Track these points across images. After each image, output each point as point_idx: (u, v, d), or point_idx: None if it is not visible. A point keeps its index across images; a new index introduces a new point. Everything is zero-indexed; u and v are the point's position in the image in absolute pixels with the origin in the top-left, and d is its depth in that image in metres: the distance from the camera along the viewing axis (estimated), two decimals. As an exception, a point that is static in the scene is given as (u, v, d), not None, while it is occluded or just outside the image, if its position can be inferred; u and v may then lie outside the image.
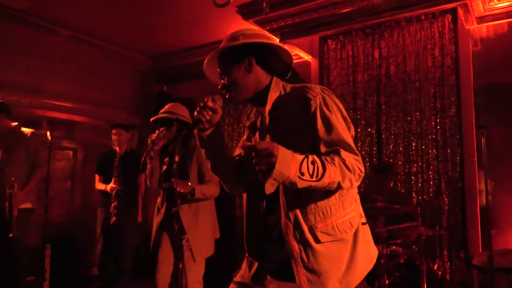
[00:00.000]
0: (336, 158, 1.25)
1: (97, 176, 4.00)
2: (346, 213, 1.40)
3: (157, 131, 2.59)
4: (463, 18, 3.65)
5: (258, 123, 1.52)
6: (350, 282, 1.39)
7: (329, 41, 4.66)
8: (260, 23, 4.06)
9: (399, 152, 4.09)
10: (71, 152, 5.10)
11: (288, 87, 1.47)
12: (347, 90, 4.51)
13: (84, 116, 5.17)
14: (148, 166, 2.62)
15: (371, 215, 2.97)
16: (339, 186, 1.25)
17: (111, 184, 3.75)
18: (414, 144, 4.01)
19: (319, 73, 4.64)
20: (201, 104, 1.40)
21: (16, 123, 3.46)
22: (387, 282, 2.74)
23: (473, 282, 3.02)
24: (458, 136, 3.76)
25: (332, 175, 1.20)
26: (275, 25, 4.04)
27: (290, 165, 1.13)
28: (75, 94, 5.03)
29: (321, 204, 1.36)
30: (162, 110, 2.78)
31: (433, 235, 3.42)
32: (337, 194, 1.38)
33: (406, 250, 2.99)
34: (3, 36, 4.36)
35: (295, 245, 1.35)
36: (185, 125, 2.71)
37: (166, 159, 2.76)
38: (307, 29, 4.05)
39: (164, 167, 2.74)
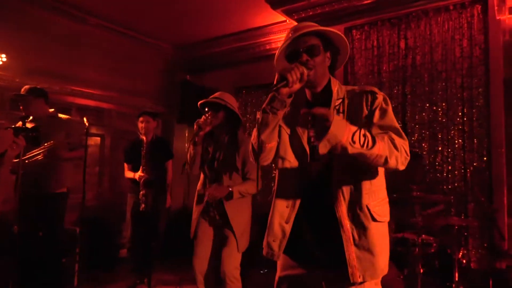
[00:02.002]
0: (386, 137, 1.38)
1: (125, 165, 4.09)
2: (385, 200, 1.53)
3: (203, 116, 2.56)
4: (496, 8, 3.62)
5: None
6: (387, 264, 1.50)
7: (354, 31, 4.66)
8: (288, 13, 4.09)
9: (425, 141, 4.11)
10: (99, 139, 5.23)
11: (342, 87, 1.58)
12: (372, 80, 4.52)
13: (112, 103, 5.29)
14: (191, 151, 2.59)
15: (406, 204, 3.01)
16: (386, 162, 1.35)
17: (139, 173, 3.83)
18: (440, 134, 4.03)
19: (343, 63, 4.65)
20: (293, 66, 1.41)
21: (53, 109, 3.55)
22: (421, 271, 2.78)
23: (501, 272, 3.05)
24: (485, 127, 3.76)
25: (381, 149, 1.33)
26: (303, 15, 4.07)
27: (344, 131, 1.27)
28: (103, 82, 5.15)
29: (374, 184, 1.48)
30: (211, 96, 2.69)
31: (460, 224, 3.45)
32: (380, 179, 1.51)
33: (437, 239, 3.02)
34: (37, 25, 4.48)
35: (347, 223, 1.43)
36: (232, 114, 2.65)
37: (210, 148, 2.71)
38: (335, 18, 4.07)
39: (209, 156, 2.69)
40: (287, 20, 4.60)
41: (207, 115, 2.53)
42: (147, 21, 5.04)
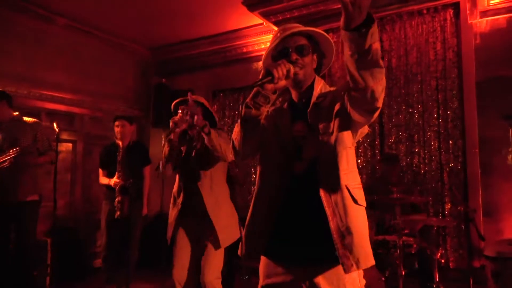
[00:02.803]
0: None
1: (100, 170, 3.94)
2: (360, 184, 1.53)
3: (179, 113, 2.47)
4: (468, 12, 3.72)
5: (286, 107, 1.59)
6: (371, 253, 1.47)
7: (331, 34, 4.68)
8: (265, 15, 4.07)
9: (401, 143, 4.17)
10: (71, 145, 5.02)
11: (327, 86, 1.58)
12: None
13: (84, 108, 5.09)
14: (166, 149, 2.51)
15: (385, 206, 3.02)
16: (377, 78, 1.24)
17: (115, 179, 3.70)
18: (416, 136, 4.09)
19: (320, 66, 4.68)
20: (280, 63, 1.39)
21: (17, 113, 3.40)
22: (403, 273, 2.79)
23: (480, 270, 3.11)
24: (460, 128, 3.84)
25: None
26: (280, 17, 4.05)
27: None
28: (74, 85, 4.95)
29: (351, 164, 1.47)
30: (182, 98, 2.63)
31: (438, 225, 3.50)
32: (354, 161, 1.51)
33: (417, 240, 3.05)
34: (2, 25, 4.26)
35: (329, 206, 1.40)
36: (206, 113, 2.58)
37: (183, 147, 2.64)
38: (312, 21, 4.06)
39: (183, 154, 2.62)
40: (264, 23, 4.57)
41: (184, 111, 2.44)
42: (119, 22, 4.89)
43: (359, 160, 4.35)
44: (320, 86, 1.54)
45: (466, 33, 3.87)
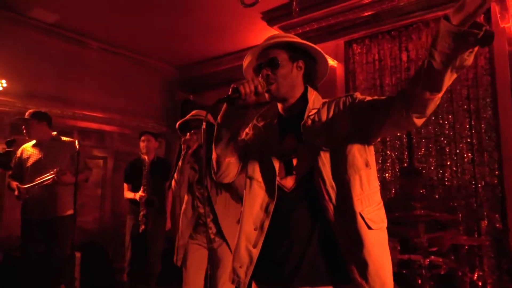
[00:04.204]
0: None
1: (125, 185, 4.03)
2: (380, 204, 1.39)
3: (188, 134, 2.48)
4: (499, 16, 3.50)
5: (275, 123, 1.52)
6: (392, 278, 1.34)
7: (354, 45, 4.59)
8: (285, 29, 4.04)
9: (431, 156, 3.94)
10: (101, 161, 5.20)
11: (319, 97, 1.49)
12: (374, 94, 4.40)
13: (113, 125, 5.28)
14: (179, 170, 2.50)
15: (408, 223, 2.83)
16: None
17: (140, 193, 3.76)
18: (447, 148, 3.86)
19: (344, 78, 4.58)
20: (248, 80, 1.36)
21: (55, 133, 3.57)
22: (429, 295, 2.59)
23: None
24: (495, 139, 3.58)
25: None
26: (300, 30, 4.00)
27: None
28: (104, 104, 5.16)
29: (365, 188, 1.34)
30: (188, 115, 2.62)
31: (470, 244, 3.24)
32: (372, 181, 1.37)
33: (446, 260, 2.81)
34: (36, 49, 4.54)
35: (343, 235, 1.28)
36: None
37: (196, 166, 2.59)
38: (332, 33, 4.00)
39: (197, 176, 2.56)
40: (285, 37, 4.54)
41: (192, 132, 2.44)
42: (145, 42, 5.07)
43: (386, 175, 4.16)
44: (313, 98, 1.46)
45: (498, 38, 3.62)
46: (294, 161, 1.41)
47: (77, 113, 4.92)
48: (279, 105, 1.52)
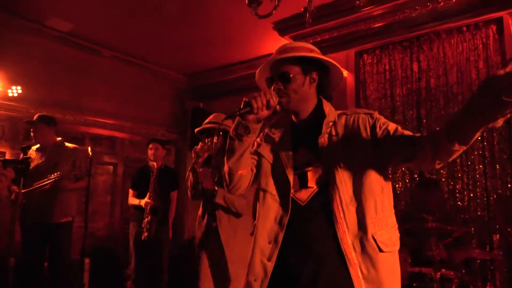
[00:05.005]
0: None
1: (130, 191, 4.03)
2: (395, 227, 1.39)
3: (200, 143, 2.50)
4: (511, 27, 3.49)
5: (288, 134, 1.51)
6: None
7: (365, 55, 4.59)
8: (296, 39, 4.06)
9: (442, 167, 3.91)
10: (111, 167, 5.25)
11: (333, 110, 1.49)
12: (384, 105, 4.41)
13: (124, 132, 5.34)
14: (191, 178, 2.55)
15: (419, 236, 2.80)
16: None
17: (146, 199, 3.76)
18: (458, 160, 3.83)
19: (355, 88, 4.58)
20: (261, 93, 1.35)
21: (60, 138, 3.60)
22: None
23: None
24: (508, 152, 3.54)
25: None
26: (311, 40, 4.02)
27: None
28: (116, 111, 5.22)
29: (379, 211, 1.33)
30: (206, 120, 2.65)
31: (482, 258, 3.19)
32: (387, 205, 1.37)
33: (458, 273, 2.77)
34: (51, 57, 4.63)
35: (353, 256, 1.29)
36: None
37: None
38: (344, 43, 4.01)
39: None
40: (296, 46, 4.57)
41: (206, 140, 2.47)
42: (157, 51, 5.13)
43: (396, 185, 4.14)
44: (327, 111, 1.45)
45: (511, 49, 3.61)
46: (309, 174, 1.41)
47: (88, 120, 4.98)
48: (293, 117, 1.52)
